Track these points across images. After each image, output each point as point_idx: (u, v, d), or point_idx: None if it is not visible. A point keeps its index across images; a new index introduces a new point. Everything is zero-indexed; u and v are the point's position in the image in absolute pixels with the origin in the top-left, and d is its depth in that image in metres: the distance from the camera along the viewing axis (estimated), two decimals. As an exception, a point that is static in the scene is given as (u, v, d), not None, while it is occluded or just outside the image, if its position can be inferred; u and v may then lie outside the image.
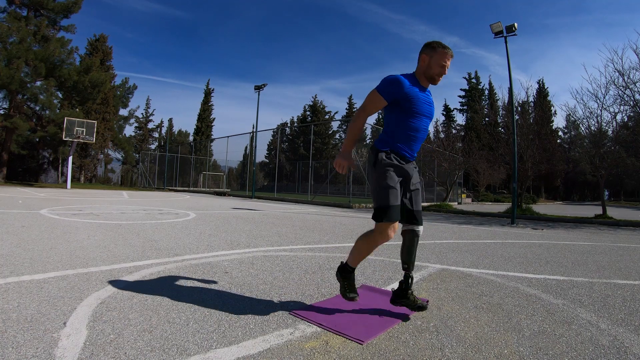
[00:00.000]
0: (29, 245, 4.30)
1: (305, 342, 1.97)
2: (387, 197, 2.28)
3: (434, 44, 2.41)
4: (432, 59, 2.38)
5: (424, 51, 2.43)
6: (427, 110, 2.43)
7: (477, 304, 2.78)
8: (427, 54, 2.40)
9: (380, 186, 2.32)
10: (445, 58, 2.38)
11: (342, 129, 58.49)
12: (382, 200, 2.29)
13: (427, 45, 2.44)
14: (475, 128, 42.19)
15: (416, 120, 2.38)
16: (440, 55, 2.37)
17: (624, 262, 4.97)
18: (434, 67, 2.38)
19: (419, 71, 2.44)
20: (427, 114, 2.43)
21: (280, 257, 4.29)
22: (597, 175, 14.63)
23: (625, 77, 13.00)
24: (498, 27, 11.89)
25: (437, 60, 2.37)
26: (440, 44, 2.40)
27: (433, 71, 2.39)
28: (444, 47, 2.39)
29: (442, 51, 2.38)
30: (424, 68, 2.41)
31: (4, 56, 25.99)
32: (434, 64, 2.38)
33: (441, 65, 2.38)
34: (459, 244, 6.03)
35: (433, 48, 2.40)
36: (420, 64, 2.43)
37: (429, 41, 2.47)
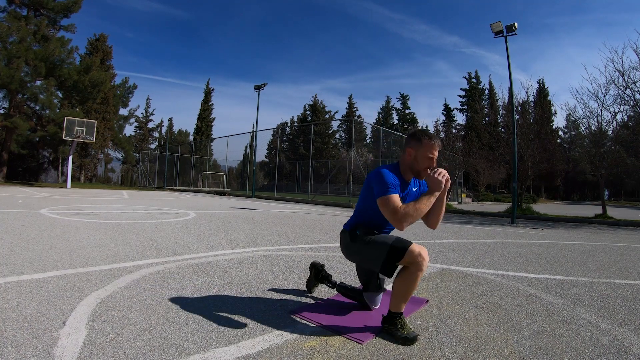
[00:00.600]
0: (29, 244, 4.30)
1: (304, 342, 1.97)
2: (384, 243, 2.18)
3: (418, 135, 2.29)
4: (418, 152, 2.25)
5: (408, 144, 2.30)
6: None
7: (476, 303, 2.78)
8: (413, 147, 2.27)
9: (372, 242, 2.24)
10: (432, 149, 2.24)
11: (342, 129, 58.49)
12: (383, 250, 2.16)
13: (412, 137, 2.32)
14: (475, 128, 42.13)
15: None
16: (427, 148, 2.24)
17: (624, 261, 4.96)
18: (421, 161, 2.25)
19: (404, 165, 2.32)
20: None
21: (280, 256, 4.29)
22: (597, 174, 14.62)
23: (626, 77, 13.01)
24: (498, 26, 11.89)
25: (423, 153, 2.24)
26: (426, 134, 2.29)
27: (420, 165, 2.26)
28: (430, 138, 2.26)
29: (428, 142, 2.24)
30: (409, 162, 2.29)
31: (4, 56, 25.98)
32: (420, 157, 2.25)
33: (429, 157, 2.24)
34: (459, 244, 6.03)
35: (418, 140, 2.26)
36: (406, 158, 2.29)
37: (414, 131, 2.37)
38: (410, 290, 2.12)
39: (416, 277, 2.09)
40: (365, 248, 2.27)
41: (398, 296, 2.14)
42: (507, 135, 18.17)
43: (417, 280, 2.10)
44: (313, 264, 2.88)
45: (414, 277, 2.09)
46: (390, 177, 2.17)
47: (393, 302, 2.16)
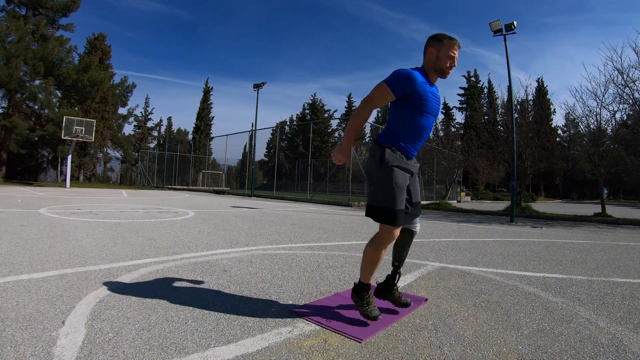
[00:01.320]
0: (28, 244, 4.29)
1: (304, 341, 1.97)
2: (394, 200, 2.18)
3: (439, 36, 2.33)
4: (440, 51, 2.29)
5: (430, 44, 2.34)
6: (435, 108, 2.33)
7: (476, 302, 2.78)
8: (434, 47, 2.31)
9: (388, 187, 2.20)
10: (453, 49, 2.30)
11: (341, 128, 58.46)
12: (387, 203, 2.19)
13: (432, 38, 2.35)
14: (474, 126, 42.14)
15: (424, 119, 2.29)
16: (448, 47, 2.29)
17: (623, 260, 4.97)
18: (443, 59, 2.29)
19: (427, 65, 2.34)
20: (434, 113, 2.34)
21: (279, 255, 4.28)
22: (596, 173, 14.63)
23: (625, 76, 13.01)
24: (497, 25, 11.88)
25: (445, 52, 2.29)
26: (445, 35, 2.33)
27: (442, 64, 2.30)
28: (451, 38, 2.31)
29: (449, 42, 2.29)
30: (432, 61, 2.32)
31: (2, 55, 25.91)
32: (442, 56, 2.29)
33: (450, 56, 2.29)
34: (458, 242, 6.03)
35: (439, 40, 2.31)
36: (428, 57, 2.33)
37: (433, 34, 2.39)
38: (373, 262, 2.30)
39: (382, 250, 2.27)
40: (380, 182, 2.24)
41: (365, 266, 2.33)
42: (506, 133, 18.17)
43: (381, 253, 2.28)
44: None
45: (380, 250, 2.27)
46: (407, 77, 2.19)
47: (362, 272, 2.36)
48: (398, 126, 2.30)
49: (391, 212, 2.18)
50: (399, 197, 2.19)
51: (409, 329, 2.20)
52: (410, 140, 2.30)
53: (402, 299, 2.40)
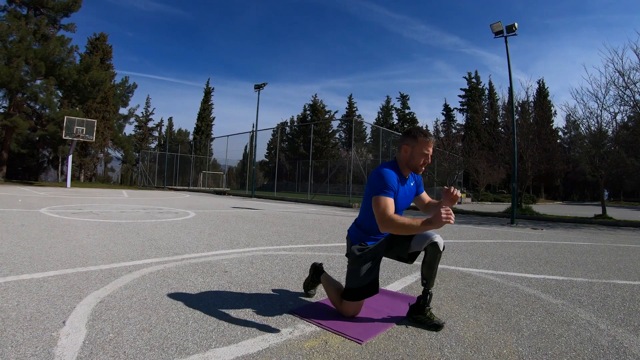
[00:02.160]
0: (29, 244, 4.30)
1: (304, 342, 1.97)
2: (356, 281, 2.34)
3: (414, 133, 2.36)
4: (414, 149, 2.34)
5: (404, 141, 2.39)
6: (405, 204, 2.42)
7: (476, 303, 2.78)
8: (409, 145, 2.35)
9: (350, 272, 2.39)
10: (427, 146, 2.33)
11: (342, 129, 58.50)
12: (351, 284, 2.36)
13: (407, 134, 2.40)
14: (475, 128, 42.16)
15: None
16: (422, 145, 2.32)
17: (624, 262, 4.97)
18: (417, 157, 2.34)
19: (401, 161, 2.40)
20: (402, 208, 2.41)
21: (279, 256, 4.29)
22: (597, 175, 14.63)
23: (626, 78, 13.01)
24: (498, 26, 11.88)
25: (419, 150, 2.33)
26: (420, 131, 2.37)
27: (416, 162, 2.35)
28: (425, 136, 2.34)
29: (423, 140, 2.33)
30: (406, 159, 2.37)
31: (3, 55, 25.95)
32: (416, 154, 2.34)
33: (424, 154, 2.33)
34: (459, 244, 6.03)
35: (414, 137, 2.34)
36: (402, 155, 2.39)
37: (409, 128, 2.44)
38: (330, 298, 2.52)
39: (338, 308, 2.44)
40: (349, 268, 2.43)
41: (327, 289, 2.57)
42: (507, 135, 18.16)
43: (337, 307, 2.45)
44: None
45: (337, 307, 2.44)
46: (391, 178, 2.26)
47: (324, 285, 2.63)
48: (366, 222, 2.44)
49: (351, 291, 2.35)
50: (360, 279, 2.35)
51: (409, 330, 2.20)
52: (377, 231, 2.42)
53: (434, 320, 2.27)
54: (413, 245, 2.37)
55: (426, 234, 2.33)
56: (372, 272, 2.38)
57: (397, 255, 2.49)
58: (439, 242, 2.30)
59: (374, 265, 2.39)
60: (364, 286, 2.34)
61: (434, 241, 2.29)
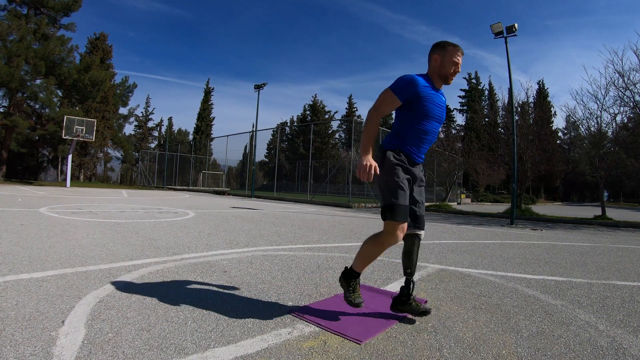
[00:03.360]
0: (28, 243, 4.29)
1: (303, 342, 1.97)
2: (396, 195, 2.22)
3: (443, 44, 2.39)
4: (445, 58, 2.35)
5: (434, 52, 2.40)
6: (439, 113, 2.37)
7: (475, 304, 2.78)
8: (439, 54, 2.37)
9: (389, 185, 2.26)
10: (457, 55, 2.36)
11: (341, 129, 58.54)
12: (390, 199, 2.23)
13: (436, 46, 2.42)
14: (475, 128, 42.19)
15: (427, 123, 2.33)
16: (452, 54, 2.35)
17: (623, 263, 4.97)
18: (447, 65, 2.35)
19: (432, 71, 2.40)
20: (438, 118, 2.37)
21: (279, 256, 4.29)
22: (597, 176, 14.64)
23: (625, 79, 13.03)
24: (498, 27, 11.89)
25: (449, 58, 2.35)
26: (449, 42, 2.39)
27: (447, 70, 2.36)
28: (454, 45, 2.37)
29: (452, 49, 2.36)
30: (437, 68, 2.38)
31: (4, 54, 25.94)
32: (446, 62, 2.35)
33: (454, 62, 2.35)
34: (458, 244, 6.03)
35: (443, 47, 2.37)
36: (433, 64, 2.39)
37: (437, 41, 2.44)
38: (371, 255, 2.37)
39: (381, 247, 2.32)
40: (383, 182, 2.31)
41: (361, 256, 2.40)
42: (507, 136, 18.18)
43: (380, 250, 2.33)
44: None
45: (380, 247, 2.32)
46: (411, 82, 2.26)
47: (356, 260, 2.42)
48: (402, 130, 2.35)
49: (393, 206, 2.21)
50: (400, 193, 2.23)
51: (408, 330, 2.20)
52: (414, 144, 2.35)
53: (420, 308, 2.32)
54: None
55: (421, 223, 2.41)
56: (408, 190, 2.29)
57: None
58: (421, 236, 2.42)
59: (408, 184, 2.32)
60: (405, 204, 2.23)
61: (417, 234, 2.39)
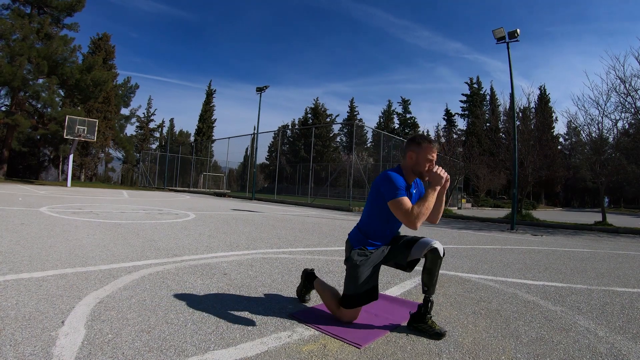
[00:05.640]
0: (28, 242, 4.30)
1: (303, 345, 1.97)
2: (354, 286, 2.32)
3: (418, 140, 2.43)
4: (419, 155, 2.39)
5: (409, 148, 2.45)
6: None
7: (475, 309, 2.78)
8: (414, 151, 2.40)
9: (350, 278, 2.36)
10: (431, 152, 2.38)
11: (343, 132, 58.58)
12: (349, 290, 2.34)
13: (412, 141, 2.46)
14: (476, 133, 42.16)
15: (391, 221, 2.44)
16: (427, 150, 2.37)
17: (623, 269, 4.96)
18: (422, 163, 2.38)
19: (406, 168, 2.45)
20: None
21: (279, 259, 4.29)
22: (598, 182, 14.63)
23: (627, 85, 13.04)
24: (500, 32, 11.91)
25: (424, 155, 2.37)
26: (424, 138, 2.43)
27: (421, 167, 2.39)
28: (430, 142, 2.40)
29: (427, 146, 2.38)
30: (411, 165, 2.42)
31: (6, 53, 26.04)
32: (421, 160, 2.38)
33: (428, 160, 2.38)
34: (458, 249, 6.02)
35: (418, 144, 2.40)
36: (408, 161, 2.44)
37: (413, 136, 2.50)
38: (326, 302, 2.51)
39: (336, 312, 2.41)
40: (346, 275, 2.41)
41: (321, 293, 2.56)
42: (508, 141, 18.19)
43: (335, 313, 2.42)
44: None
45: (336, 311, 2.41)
46: (399, 180, 2.32)
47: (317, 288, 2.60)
48: (368, 225, 2.49)
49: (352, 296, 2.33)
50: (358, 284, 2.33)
51: (408, 335, 2.20)
52: (378, 236, 2.48)
53: (436, 329, 2.23)
54: (413, 253, 2.35)
55: (425, 240, 2.34)
56: (372, 278, 2.36)
57: (396, 262, 2.48)
58: (439, 248, 2.29)
59: (373, 271, 2.37)
60: (363, 293, 2.32)
61: (433, 247, 2.29)
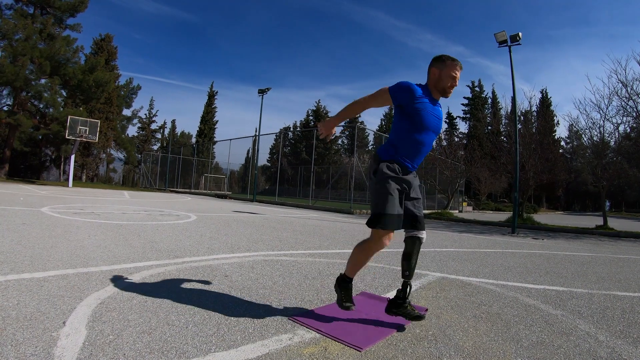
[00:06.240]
0: (30, 243, 4.31)
1: (303, 348, 1.97)
2: (384, 204, 2.26)
3: (442, 57, 2.45)
4: (443, 71, 2.41)
5: (433, 65, 2.46)
6: (435, 123, 2.41)
7: (476, 313, 2.78)
8: (437, 67, 2.43)
9: (378, 194, 2.31)
10: (455, 69, 2.41)
11: (344, 135, 58.56)
12: (378, 208, 2.28)
13: (435, 59, 2.48)
14: (477, 136, 42.20)
15: (422, 133, 2.36)
16: (450, 68, 2.40)
17: (624, 273, 4.95)
18: (445, 79, 2.40)
19: (430, 84, 2.46)
20: (433, 128, 2.41)
21: (280, 261, 4.29)
22: (599, 185, 14.60)
23: (629, 88, 13.02)
24: (502, 36, 11.93)
25: (447, 72, 2.40)
26: (448, 57, 2.44)
27: (444, 83, 2.41)
28: (453, 60, 2.43)
29: (451, 63, 2.41)
30: (434, 81, 2.44)
31: (9, 53, 26.12)
32: (444, 76, 2.41)
33: (452, 76, 2.40)
34: (459, 253, 6.02)
35: (442, 61, 2.43)
36: (431, 77, 2.45)
37: (437, 55, 2.50)
38: (360, 261, 2.46)
39: (369, 253, 2.41)
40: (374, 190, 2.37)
41: (352, 262, 2.49)
42: (509, 144, 18.20)
43: (368, 255, 2.43)
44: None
45: (368, 252, 2.41)
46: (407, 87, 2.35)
47: (348, 266, 2.51)
48: (397, 140, 2.40)
49: (380, 215, 2.26)
50: (389, 201, 2.27)
51: (408, 338, 2.20)
52: (408, 154, 2.39)
53: (414, 312, 2.34)
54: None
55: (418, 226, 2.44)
56: (398, 202, 2.31)
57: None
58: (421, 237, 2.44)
59: (400, 193, 2.33)
60: (394, 214, 2.26)
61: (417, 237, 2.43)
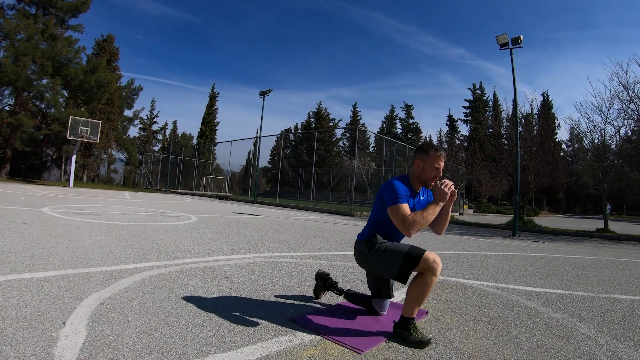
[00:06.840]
0: (30, 243, 4.31)
1: (303, 350, 1.97)
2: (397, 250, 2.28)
3: (425, 148, 2.46)
4: (426, 163, 2.42)
5: (416, 156, 2.48)
6: None
7: (476, 316, 2.78)
8: (420, 159, 2.44)
9: (385, 252, 2.33)
10: (438, 161, 2.41)
11: (345, 137, 58.56)
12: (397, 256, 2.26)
13: (419, 150, 2.50)
14: (478, 139, 42.17)
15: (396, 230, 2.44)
16: (433, 159, 2.40)
17: (625, 277, 4.94)
18: (428, 171, 2.42)
19: (413, 176, 2.49)
20: None
21: (280, 263, 4.29)
22: (600, 188, 14.60)
23: (630, 91, 13.04)
24: (504, 38, 11.94)
25: (430, 164, 2.41)
26: (432, 147, 2.45)
27: (427, 176, 2.42)
28: (436, 150, 2.42)
29: (434, 154, 2.41)
30: (418, 173, 2.46)
31: (11, 53, 26.19)
32: (427, 168, 2.42)
33: (435, 168, 2.41)
34: (460, 255, 6.01)
35: (425, 152, 2.44)
36: (415, 169, 2.47)
37: (421, 144, 2.53)
38: (424, 295, 2.23)
39: (431, 283, 2.21)
40: (381, 257, 2.36)
41: (412, 301, 2.24)
42: (510, 147, 18.18)
43: (432, 285, 2.23)
44: (318, 274, 2.96)
45: (429, 283, 2.21)
46: (401, 187, 2.34)
47: (406, 307, 2.25)
48: (377, 227, 2.49)
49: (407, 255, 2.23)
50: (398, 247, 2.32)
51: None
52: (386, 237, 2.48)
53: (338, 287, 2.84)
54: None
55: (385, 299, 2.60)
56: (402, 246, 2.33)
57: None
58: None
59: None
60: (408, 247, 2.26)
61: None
